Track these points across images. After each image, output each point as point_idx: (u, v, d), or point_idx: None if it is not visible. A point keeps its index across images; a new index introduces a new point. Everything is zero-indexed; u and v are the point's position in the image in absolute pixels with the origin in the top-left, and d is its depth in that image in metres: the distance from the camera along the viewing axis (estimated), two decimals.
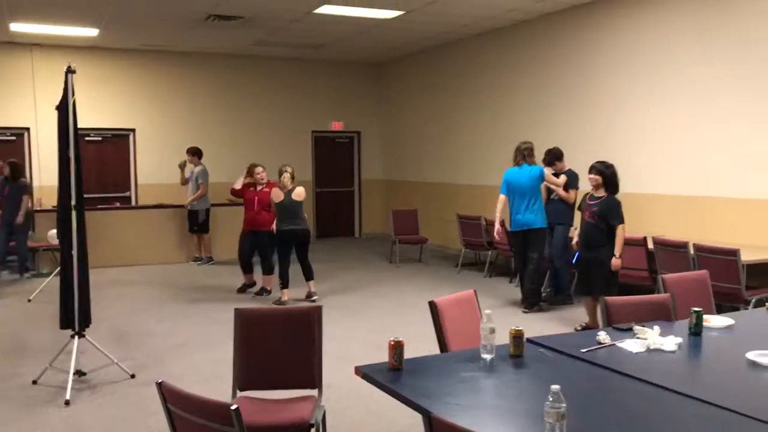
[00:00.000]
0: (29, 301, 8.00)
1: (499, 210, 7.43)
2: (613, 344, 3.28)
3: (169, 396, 2.42)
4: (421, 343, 3.72)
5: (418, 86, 12.85)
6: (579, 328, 6.49)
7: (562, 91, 9.33)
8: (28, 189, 9.83)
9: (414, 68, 12.94)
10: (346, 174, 14.19)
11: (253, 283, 8.48)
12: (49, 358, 5.28)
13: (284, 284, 7.76)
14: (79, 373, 5.11)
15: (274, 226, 7.84)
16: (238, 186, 8.51)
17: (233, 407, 2.19)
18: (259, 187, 8.23)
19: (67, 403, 4.67)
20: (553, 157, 7.78)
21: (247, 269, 8.43)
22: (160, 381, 2.47)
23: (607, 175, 6.22)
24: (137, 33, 10.66)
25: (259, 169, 8.23)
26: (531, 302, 7.42)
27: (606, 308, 3.80)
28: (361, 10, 9.07)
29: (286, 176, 7.74)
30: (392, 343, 2.95)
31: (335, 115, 13.76)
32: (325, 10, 9.02)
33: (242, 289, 8.43)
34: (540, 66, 9.72)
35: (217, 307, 7.62)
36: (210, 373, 5.39)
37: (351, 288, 8.82)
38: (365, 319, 7.18)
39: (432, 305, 3.60)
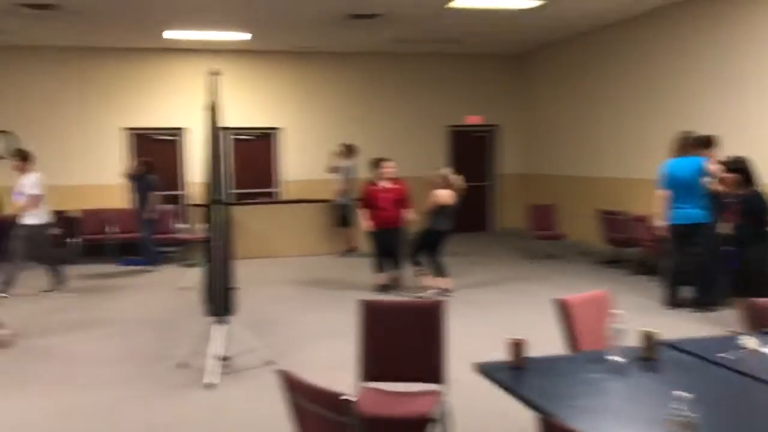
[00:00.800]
0: (182, 288, 8.61)
1: (661, 207, 7.04)
2: (758, 350, 3.02)
3: (289, 384, 2.52)
4: (551, 343, 3.61)
5: (558, 77, 12.48)
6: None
7: (713, 77, 8.69)
8: (154, 186, 10.33)
9: (554, 59, 12.58)
10: (482, 168, 14.06)
11: (393, 282, 8.33)
12: (199, 342, 5.65)
13: (442, 274, 7.89)
14: (222, 357, 5.43)
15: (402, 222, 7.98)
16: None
17: (346, 398, 2.23)
18: (385, 184, 8.10)
19: (210, 385, 4.98)
20: (701, 145, 7.26)
21: (384, 268, 8.32)
22: (280, 369, 2.57)
23: (746, 171, 5.78)
24: (286, 36, 11.13)
25: (390, 164, 8.13)
26: (700, 302, 6.97)
27: (753, 310, 3.50)
28: (497, 0, 8.94)
29: (455, 178, 7.85)
30: (513, 341, 2.89)
31: (472, 109, 13.67)
32: (458, 3, 8.96)
33: (382, 288, 8.24)
34: (688, 51, 9.11)
35: (351, 297, 7.78)
36: (342, 362, 5.52)
37: (483, 283, 8.74)
38: (496, 316, 7.09)
39: (559, 303, 3.49)
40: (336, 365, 5.46)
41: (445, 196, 7.74)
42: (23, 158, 8.25)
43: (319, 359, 5.66)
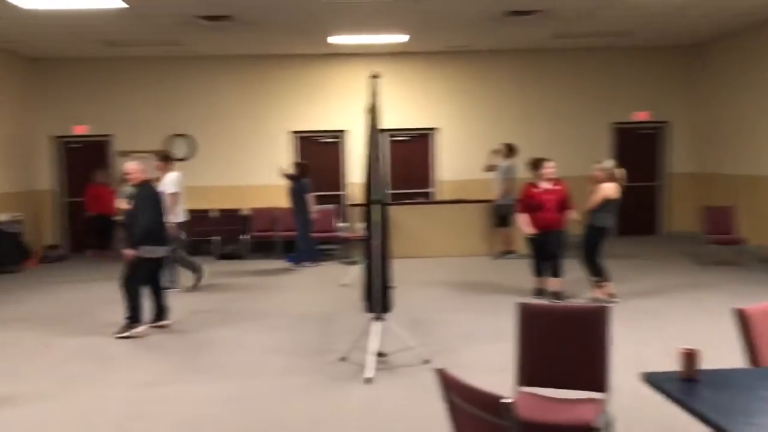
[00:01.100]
0: (342, 286, 8.90)
1: None
2: None
3: (447, 383, 2.51)
4: (727, 355, 3.33)
5: (739, 69, 11.50)
6: None
7: None
8: (308, 188, 10.53)
9: (733, 49, 11.62)
10: (649, 167, 13.28)
11: (553, 288, 7.87)
12: (356, 339, 5.81)
13: (605, 278, 7.57)
14: (380, 354, 5.54)
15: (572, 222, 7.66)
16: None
17: (504, 401, 2.18)
18: (545, 185, 7.68)
19: (368, 380, 5.09)
20: None
21: (543, 273, 7.91)
22: (438, 368, 2.57)
23: None
24: (442, 36, 11.18)
25: (550, 164, 7.70)
26: None
27: None
28: None
29: (619, 171, 7.52)
30: (685, 351, 2.69)
31: (639, 104, 12.97)
32: None
33: (539, 294, 7.88)
34: None
35: (508, 299, 7.68)
36: (498, 365, 5.45)
37: (651, 290, 8.24)
38: (664, 324, 6.65)
39: (738, 313, 3.21)
40: (491, 368, 5.39)
41: (611, 189, 7.38)
42: (163, 159, 8.74)
43: (474, 361, 5.61)
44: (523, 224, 7.73)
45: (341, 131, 12.83)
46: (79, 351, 6.15)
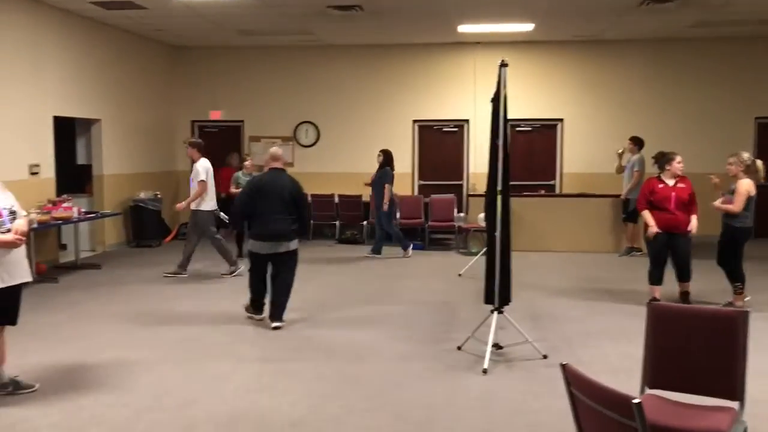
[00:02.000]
0: (459, 275, 8.90)
1: None
2: None
3: (572, 379, 2.47)
4: None
5: None
6: None
7: None
8: (389, 177, 10.35)
9: None
10: None
11: (682, 294, 7.31)
12: (473, 329, 5.81)
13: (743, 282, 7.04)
14: (496, 346, 5.50)
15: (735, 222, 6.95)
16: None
17: (635, 401, 2.12)
18: (672, 182, 7.01)
19: (484, 371, 5.08)
20: None
21: (662, 279, 7.18)
22: (564, 363, 2.53)
23: None
24: (571, 24, 10.87)
25: (678, 158, 7.04)
26: None
27: None
28: None
29: (759, 164, 6.97)
30: None
31: None
32: None
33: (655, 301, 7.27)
34: None
35: (631, 299, 7.43)
36: (618, 365, 5.29)
37: None
38: None
39: None
40: (611, 367, 5.23)
41: (750, 184, 6.83)
42: (194, 146, 8.87)
43: (592, 359, 5.46)
44: (648, 223, 7.05)
45: (464, 121, 12.77)
46: (211, 321, 6.53)
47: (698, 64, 12.19)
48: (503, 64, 5.45)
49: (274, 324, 6.30)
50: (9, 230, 4.28)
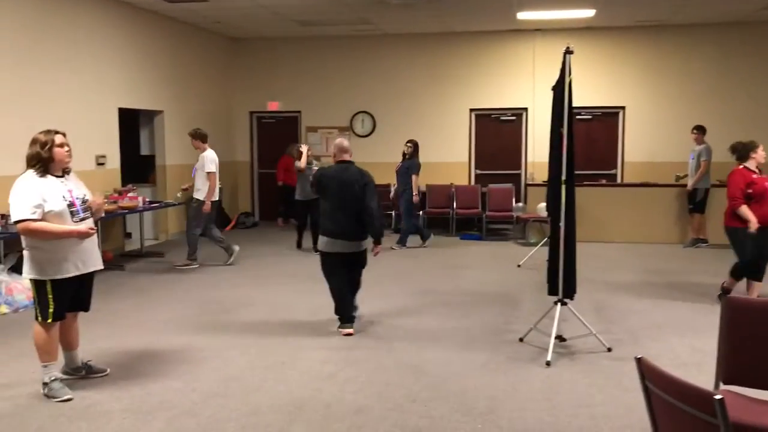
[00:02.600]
0: (518, 266, 8.80)
1: None
2: None
3: (648, 373, 2.41)
4: None
5: None
6: None
7: None
8: (416, 168, 10.23)
9: None
10: None
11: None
12: (534, 320, 5.74)
13: None
14: (560, 338, 5.42)
15: None
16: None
17: (718, 397, 2.06)
18: (757, 172, 6.58)
19: (548, 364, 5.01)
20: None
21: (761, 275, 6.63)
22: (639, 357, 2.47)
23: None
24: (633, 10, 10.58)
25: (761, 146, 6.62)
26: None
27: None
28: None
29: None
30: None
31: None
32: None
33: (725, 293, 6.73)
34: None
35: (697, 292, 7.22)
36: (687, 359, 5.16)
37: None
38: None
39: None
40: (679, 361, 5.11)
41: None
42: (198, 137, 8.85)
43: (659, 353, 5.32)
44: (747, 216, 6.35)
45: (522, 109, 12.59)
46: (273, 309, 6.63)
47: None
48: (568, 51, 5.33)
49: (345, 331, 5.82)
50: (83, 219, 4.42)
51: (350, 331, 5.79)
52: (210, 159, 8.76)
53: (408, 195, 10.24)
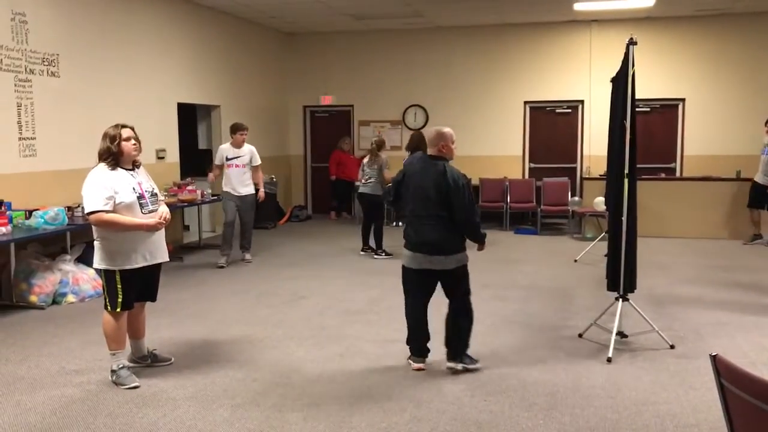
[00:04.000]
0: (575, 261, 8.67)
1: None
2: None
3: (724, 371, 2.35)
4: None
5: None
6: None
7: None
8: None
9: None
10: None
11: None
12: (594, 316, 5.66)
13: None
14: (621, 334, 5.33)
15: None
16: None
17: None
18: None
19: (609, 360, 4.94)
20: None
21: None
22: (714, 354, 2.41)
23: None
24: None
25: None
26: None
27: None
28: None
29: None
30: None
31: None
32: None
33: None
34: None
35: (760, 289, 7.03)
36: (755, 357, 5.02)
37: None
38: None
39: None
40: (749, 360, 4.98)
41: None
42: (233, 131, 8.60)
43: (723, 350, 5.17)
44: None
45: (578, 101, 12.39)
46: (328, 301, 6.69)
47: None
48: (632, 42, 5.23)
49: (450, 364, 4.81)
50: (151, 211, 4.53)
51: (421, 366, 4.83)
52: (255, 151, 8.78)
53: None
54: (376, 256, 9.06)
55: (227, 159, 8.57)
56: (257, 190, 8.81)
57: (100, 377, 4.68)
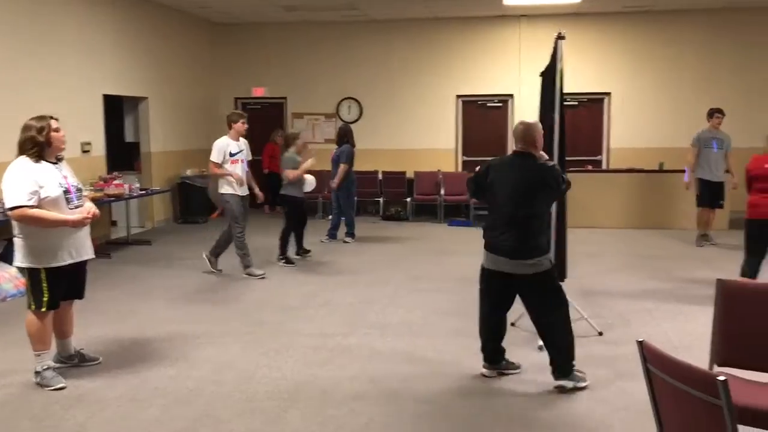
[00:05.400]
0: None
1: None
2: None
3: (650, 356, 2.43)
4: None
5: None
6: None
7: None
8: (345, 156, 9.45)
9: None
10: None
11: None
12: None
13: None
14: None
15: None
16: None
17: (721, 378, 2.09)
18: None
19: (540, 348, 5.03)
20: None
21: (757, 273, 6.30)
22: (641, 340, 2.50)
23: None
24: None
25: None
26: None
27: None
28: None
29: None
30: None
31: None
32: None
33: None
34: None
35: (685, 276, 7.31)
36: (678, 342, 5.22)
37: None
38: None
39: None
40: (670, 345, 5.15)
41: None
42: (234, 120, 7.64)
43: (650, 337, 5.28)
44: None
45: (508, 95, 12.61)
46: (266, 297, 6.61)
47: (761, 32, 11.75)
48: (560, 37, 5.35)
49: (559, 382, 4.36)
50: (77, 207, 4.37)
51: (494, 372, 4.62)
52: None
53: (347, 184, 9.55)
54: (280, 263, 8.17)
55: (231, 155, 7.44)
56: (251, 190, 7.73)
57: (23, 379, 4.50)
